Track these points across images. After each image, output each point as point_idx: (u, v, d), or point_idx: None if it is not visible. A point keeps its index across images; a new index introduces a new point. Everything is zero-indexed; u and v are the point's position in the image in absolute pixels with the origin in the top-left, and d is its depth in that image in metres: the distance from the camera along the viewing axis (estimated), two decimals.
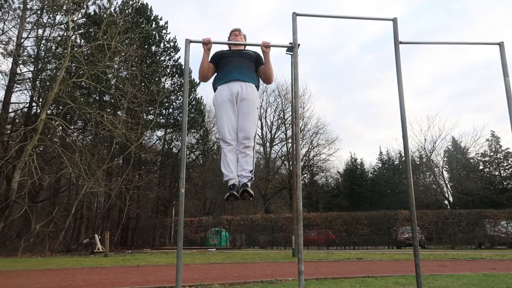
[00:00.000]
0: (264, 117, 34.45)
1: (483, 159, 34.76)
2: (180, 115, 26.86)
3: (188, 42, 3.25)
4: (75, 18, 19.56)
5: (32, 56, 19.46)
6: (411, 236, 5.74)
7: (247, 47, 3.60)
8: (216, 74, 3.45)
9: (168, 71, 27.71)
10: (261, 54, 3.45)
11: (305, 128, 32.48)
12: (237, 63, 3.36)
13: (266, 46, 3.37)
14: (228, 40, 3.58)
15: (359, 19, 4.03)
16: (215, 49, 3.45)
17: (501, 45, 3.42)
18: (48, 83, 18.96)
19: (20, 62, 18.37)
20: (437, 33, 55.65)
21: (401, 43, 3.40)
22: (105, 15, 19.86)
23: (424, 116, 61.76)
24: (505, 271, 6.48)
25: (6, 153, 15.91)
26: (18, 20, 17.61)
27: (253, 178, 3.19)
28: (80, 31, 21.20)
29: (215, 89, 3.38)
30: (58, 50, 19.70)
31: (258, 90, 3.40)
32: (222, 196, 33.83)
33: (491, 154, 35.20)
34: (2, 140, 18.40)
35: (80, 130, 22.28)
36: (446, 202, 30.70)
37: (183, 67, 17.27)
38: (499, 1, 50.43)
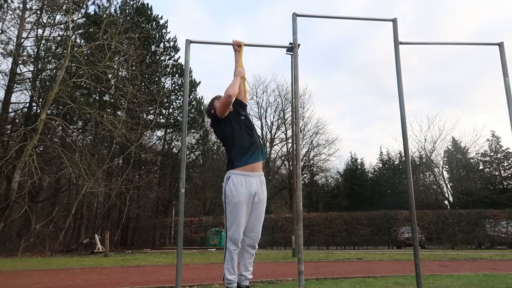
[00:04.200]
0: (264, 117, 34.34)
1: (483, 159, 34.75)
2: (180, 115, 26.86)
3: (189, 42, 3.26)
4: (75, 18, 19.55)
5: (32, 56, 19.45)
6: (411, 236, 5.74)
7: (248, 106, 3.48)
8: (234, 138, 3.06)
9: (168, 71, 27.72)
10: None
11: (305, 128, 32.43)
12: (257, 137, 3.14)
13: (238, 45, 3.30)
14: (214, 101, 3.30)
15: (358, 19, 4.03)
16: (212, 50, 3.39)
17: (501, 45, 3.43)
18: (48, 83, 18.96)
19: (20, 62, 18.36)
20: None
21: (401, 43, 3.41)
22: (105, 15, 19.86)
23: (424, 116, 61.70)
24: (505, 271, 6.48)
25: (6, 153, 15.91)
26: (18, 20, 17.61)
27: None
28: (80, 31, 21.19)
29: (235, 165, 3.00)
30: (58, 50, 19.69)
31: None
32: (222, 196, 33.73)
33: (491, 154, 35.17)
34: (2, 140, 18.40)
35: (80, 130, 22.27)
36: (446, 202, 30.68)
37: (183, 67, 17.20)
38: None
